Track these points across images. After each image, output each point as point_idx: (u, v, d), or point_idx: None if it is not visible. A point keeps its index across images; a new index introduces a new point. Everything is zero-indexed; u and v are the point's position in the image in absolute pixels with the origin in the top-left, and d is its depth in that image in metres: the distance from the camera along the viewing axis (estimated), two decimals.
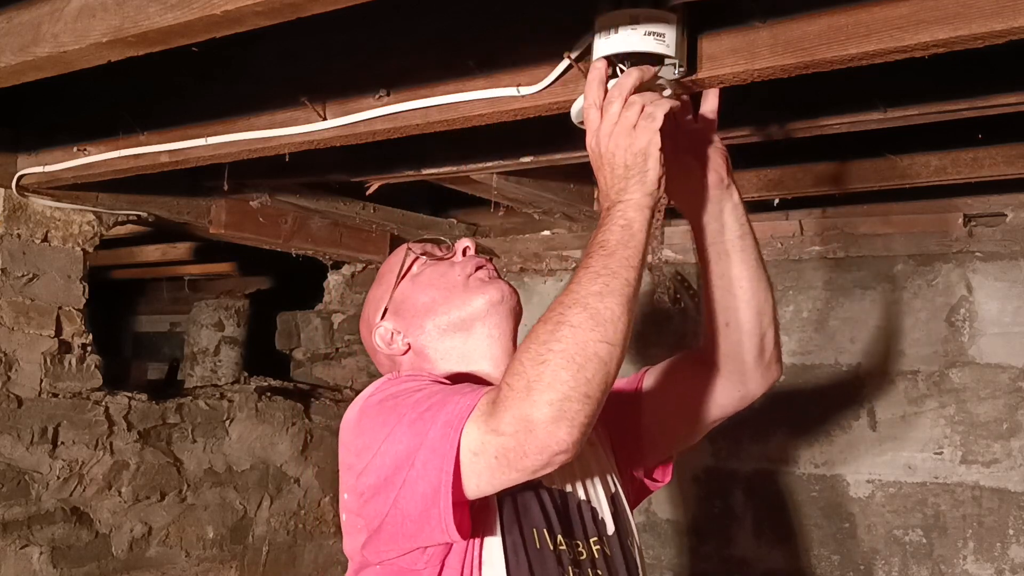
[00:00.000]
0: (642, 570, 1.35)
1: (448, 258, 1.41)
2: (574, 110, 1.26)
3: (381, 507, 1.14)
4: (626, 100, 1.13)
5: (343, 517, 1.26)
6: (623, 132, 1.13)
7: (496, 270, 1.39)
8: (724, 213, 1.33)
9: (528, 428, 1.02)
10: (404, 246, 1.42)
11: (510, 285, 1.37)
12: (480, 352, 1.32)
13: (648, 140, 1.12)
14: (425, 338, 1.33)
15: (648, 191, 1.12)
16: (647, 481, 1.51)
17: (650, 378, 1.50)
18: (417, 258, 1.40)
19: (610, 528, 1.31)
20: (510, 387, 1.05)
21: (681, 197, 1.34)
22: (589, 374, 1.03)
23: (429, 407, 1.12)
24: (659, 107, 1.12)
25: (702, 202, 1.33)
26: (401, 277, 1.38)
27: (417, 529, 1.12)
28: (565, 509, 1.27)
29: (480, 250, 1.44)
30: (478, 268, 1.37)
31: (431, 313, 1.33)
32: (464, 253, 1.40)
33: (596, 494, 1.33)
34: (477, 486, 1.09)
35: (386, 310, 1.37)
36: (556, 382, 1.02)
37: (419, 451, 1.10)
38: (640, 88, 1.15)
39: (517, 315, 1.35)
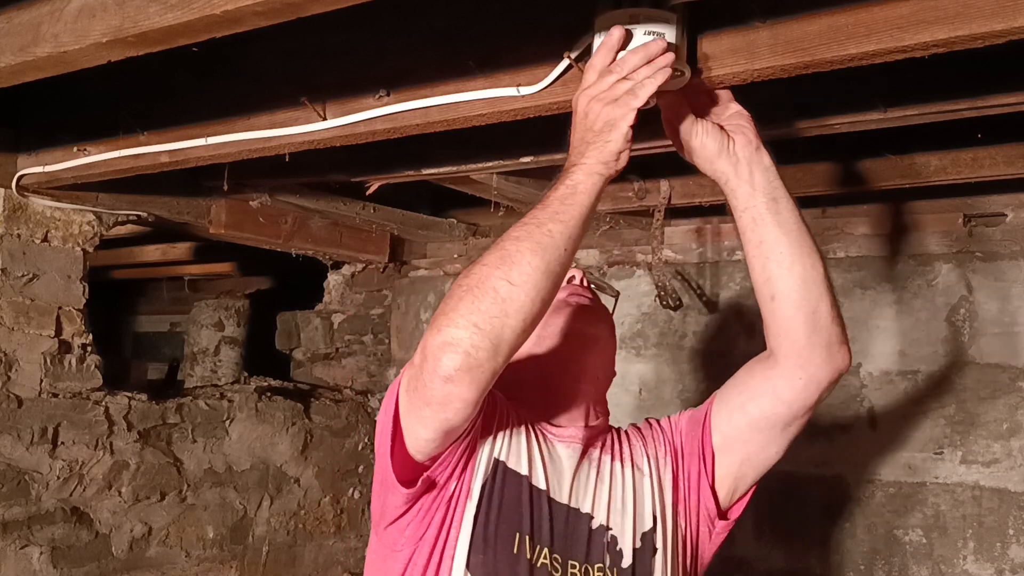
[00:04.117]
0: None
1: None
2: None
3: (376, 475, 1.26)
4: (626, 76, 1.14)
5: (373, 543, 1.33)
6: (605, 101, 1.14)
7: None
8: (755, 175, 1.27)
9: (424, 354, 1.09)
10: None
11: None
12: None
13: (622, 114, 1.13)
14: None
15: (603, 159, 1.14)
16: (719, 522, 1.41)
17: (720, 393, 1.43)
18: None
19: (626, 560, 1.28)
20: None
21: (708, 162, 1.28)
22: (483, 306, 1.06)
23: None
24: (646, 87, 1.13)
25: (731, 165, 1.27)
26: None
27: (383, 472, 1.21)
28: (573, 527, 1.27)
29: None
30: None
31: None
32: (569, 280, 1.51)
33: (623, 523, 1.30)
34: (415, 430, 1.15)
35: None
36: (448, 310, 1.08)
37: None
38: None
39: None
